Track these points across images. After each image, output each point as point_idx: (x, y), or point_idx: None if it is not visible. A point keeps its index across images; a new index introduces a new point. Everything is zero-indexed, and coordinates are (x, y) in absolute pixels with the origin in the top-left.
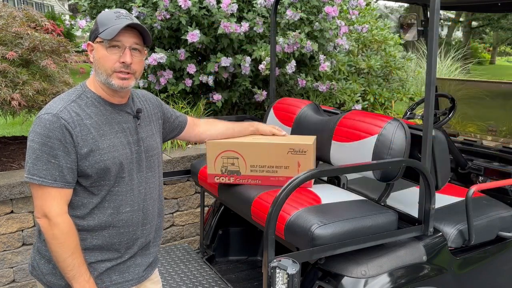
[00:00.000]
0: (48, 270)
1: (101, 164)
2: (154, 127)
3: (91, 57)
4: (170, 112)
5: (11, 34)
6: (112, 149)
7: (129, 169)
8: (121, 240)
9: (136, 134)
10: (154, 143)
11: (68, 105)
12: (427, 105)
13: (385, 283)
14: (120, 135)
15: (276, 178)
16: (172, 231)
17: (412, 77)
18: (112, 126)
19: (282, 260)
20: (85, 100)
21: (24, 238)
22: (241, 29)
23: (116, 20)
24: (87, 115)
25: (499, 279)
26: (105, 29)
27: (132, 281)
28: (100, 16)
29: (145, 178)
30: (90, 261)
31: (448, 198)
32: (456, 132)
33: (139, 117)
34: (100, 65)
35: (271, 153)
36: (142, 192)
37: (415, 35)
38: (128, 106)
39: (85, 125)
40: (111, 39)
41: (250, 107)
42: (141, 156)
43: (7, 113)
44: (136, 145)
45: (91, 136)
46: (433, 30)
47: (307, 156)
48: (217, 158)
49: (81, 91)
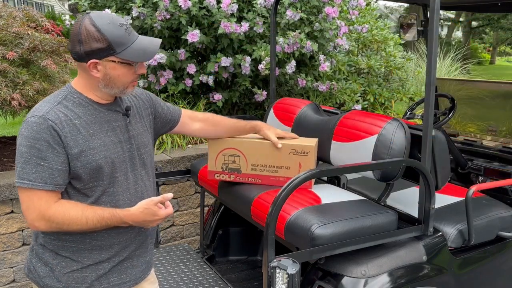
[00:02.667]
0: (45, 273)
1: (93, 164)
2: (145, 124)
3: (97, 73)
4: (162, 106)
5: (11, 34)
6: (104, 148)
7: (122, 168)
8: (120, 240)
9: (127, 132)
10: (145, 140)
11: (54, 107)
12: (427, 105)
13: (385, 283)
14: (111, 134)
15: (276, 178)
16: (172, 231)
17: (412, 77)
18: (102, 125)
19: (282, 260)
20: (72, 101)
21: (24, 238)
22: (241, 29)
23: (130, 36)
24: (75, 115)
25: (499, 279)
26: (124, 49)
27: (130, 282)
28: (106, 33)
29: (140, 176)
30: (89, 264)
31: (448, 198)
32: (456, 132)
33: (128, 114)
34: (117, 82)
35: (273, 153)
36: (138, 190)
37: (415, 35)
38: (116, 104)
39: (74, 125)
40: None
41: (250, 107)
42: (133, 154)
43: (7, 113)
44: (128, 143)
45: (81, 136)
46: (433, 30)
47: (309, 157)
48: (219, 155)
49: (67, 92)
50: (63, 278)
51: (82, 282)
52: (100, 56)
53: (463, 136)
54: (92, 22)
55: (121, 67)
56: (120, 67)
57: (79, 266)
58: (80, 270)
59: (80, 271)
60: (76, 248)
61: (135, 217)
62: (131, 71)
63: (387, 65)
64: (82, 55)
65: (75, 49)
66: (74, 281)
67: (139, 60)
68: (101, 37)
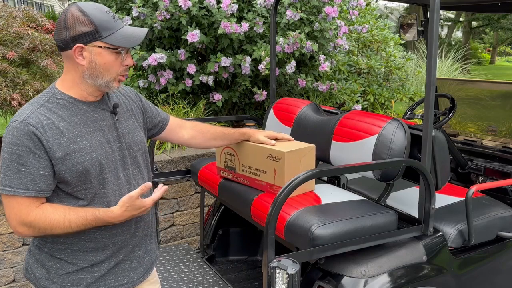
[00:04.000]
0: (41, 274)
1: (79, 166)
2: (136, 121)
3: (82, 61)
4: (150, 106)
5: (11, 34)
6: (90, 150)
7: (112, 168)
8: (115, 241)
9: (116, 130)
10: (138, 137)
11: (36, 110)
12: (427, 105)
13: (385, 283)
14: (97, 134)
15: (259, 181)
16: (172, 231)
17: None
18: (88, 125)
19: (282, 260)
20: (55, 102)
21: (24, 238)
22: (241, 29)
23: (117, 22)
24: (58, 118)
25: (499, 279)
26: (110, 34)
27: (128, 284)
28: (93, 17)
29: (133, 175)
30: (84, 266)
31: (448, 198)
32: (456, 132)
33: (116, 112)
34: (103, 70)
35: (255, 155)
36: (131, 189)
37: (415, 35)
38: (103, 102)
39: (57, 128)
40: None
41: (250, 107)
42: (124, 152)
43: (7, 113)
44: (117, 142)
45: (64, 139)
46: (433, 30)
47: (281, 164)
48: (222, 153)
49: (50, 94)
50: (58, 280)
51: (78, 284)
52: (86, 40)
53: (463, 136)
54: (78, 8)
55: (107, 53)
56: (107, 54)
57: (74, 268)
58: (75, 272)
59: (75, 273)
60: (71, 250)
61: (119, 216)
62: (118, 60)
63: (387, 65)
64: (68, 41)
65: (61, 36)
66: (69, 283)
67: (126, 46)
68: (87, 21)
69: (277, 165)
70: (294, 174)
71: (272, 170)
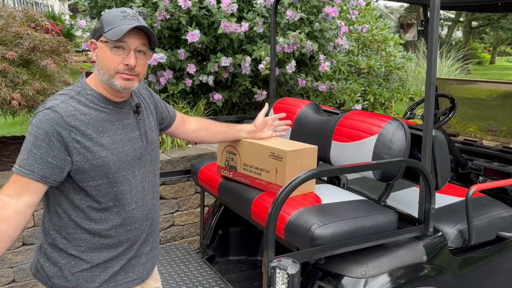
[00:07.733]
0: (54, 273)
1: (99, 160)
2: (153, 119)
3: (94, 56)
4: (160, 101)
5: (11, 34)
6: (111, 146)
7: (130, 167)
8: (128, 237)
9: (138, 129)
10: (154, 136)
11: (66, 100)
12: (427, 105)
13: (385, 283)
14: (121, 132)
15: (259, 181)
16: (172, 231)
17: (412, 77)
18: (113, 122)
19: (282, 260)
20: (85, 97)
21: (24, 238)
22: (241, 29)
23: (123, 21)
24: (85, 112)
25: (499, 279)
26: (110, 29)
27: (137, 280)
28: (106, 15)
29: (148, 173)
30: (98, 262)
31: (448, 198)
32: (456, 132)
33: (139, 112)
34: (103, 65)
35: (257, 154)
36: (145, 187)
37: (415, 35)
38: (128, 102)
39: (82, 121)
40: (116, 40)
41: (250, 107)
42: (143, 151)
43: (7, 113)
44: (139, 141)
45: (89, 132)
46: (433, 30)
47: (283, 163)
48: (223, 152)
49: (80, 88)
50: (72, 278)
51: (92, 281)
52: (96, 36)
53: (463, 136)
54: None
55: (104, 47)
56: (104, 48)
57: (88, 266)
58: (89, 269)
59: (89, 270)
60: (86, 247)
61: None
62: (115, 56)
63: (387, 65)
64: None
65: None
66: (83, 281)
67: (112, 38)
68: (101, 19)
69: (279, 164)
70: (295, 174)
71: (274, 169)
